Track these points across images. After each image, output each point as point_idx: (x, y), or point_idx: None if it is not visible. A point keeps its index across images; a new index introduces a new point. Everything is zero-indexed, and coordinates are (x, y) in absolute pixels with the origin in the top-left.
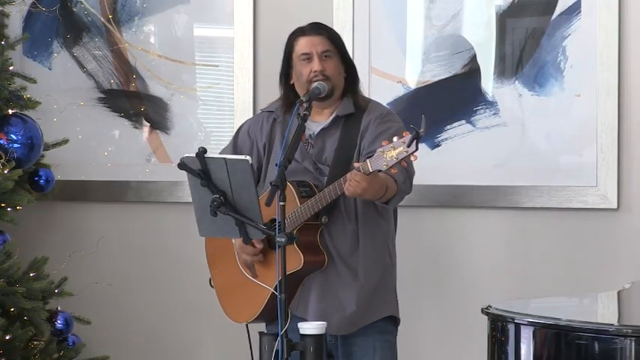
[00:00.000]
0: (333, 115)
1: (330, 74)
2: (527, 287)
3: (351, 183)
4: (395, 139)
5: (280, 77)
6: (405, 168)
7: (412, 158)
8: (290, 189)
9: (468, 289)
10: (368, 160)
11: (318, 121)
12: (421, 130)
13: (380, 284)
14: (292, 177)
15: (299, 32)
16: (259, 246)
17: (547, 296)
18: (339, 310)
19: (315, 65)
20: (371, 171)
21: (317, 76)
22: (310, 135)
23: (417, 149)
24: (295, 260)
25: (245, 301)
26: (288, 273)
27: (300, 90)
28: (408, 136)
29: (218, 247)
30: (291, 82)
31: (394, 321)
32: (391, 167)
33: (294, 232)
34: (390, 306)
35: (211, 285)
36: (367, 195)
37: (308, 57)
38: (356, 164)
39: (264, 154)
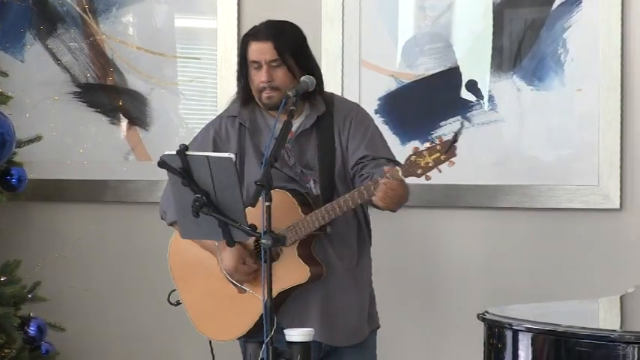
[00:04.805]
0: (306, 116)
1: (278, 84)
2: (525, 292)
3: (388, 193)
4: (427, 144)
5: (238, 78)
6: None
7: (449, 165)
8: (288, 197)
9: (462, 294)
10: (399, 168)
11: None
12: (460, 133)
13: (371, 294)
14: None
15: (252, 35)
16: (255, 266)
17: (546, 301)
18: (343, 323)
19: (262, 76)
20: (403, 178)
21: (265, 86)
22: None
23: (455, 155)
24: (301, 273)
25: (234, 316)
26: (290, 287)
27: (255, 93)
28: (446, 142)
29: (189, 261)
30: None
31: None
32: (426, 174)
33: (297, 242)
34: (377, 317)
35: (171, 302)
36: (400, 204)
37: (258, 65)
38: (386, 168)
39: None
